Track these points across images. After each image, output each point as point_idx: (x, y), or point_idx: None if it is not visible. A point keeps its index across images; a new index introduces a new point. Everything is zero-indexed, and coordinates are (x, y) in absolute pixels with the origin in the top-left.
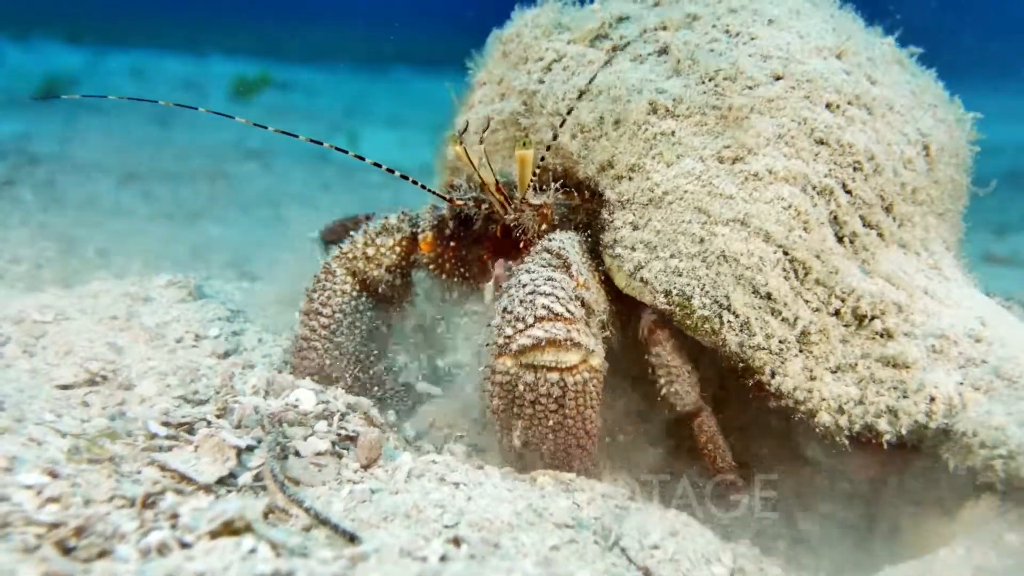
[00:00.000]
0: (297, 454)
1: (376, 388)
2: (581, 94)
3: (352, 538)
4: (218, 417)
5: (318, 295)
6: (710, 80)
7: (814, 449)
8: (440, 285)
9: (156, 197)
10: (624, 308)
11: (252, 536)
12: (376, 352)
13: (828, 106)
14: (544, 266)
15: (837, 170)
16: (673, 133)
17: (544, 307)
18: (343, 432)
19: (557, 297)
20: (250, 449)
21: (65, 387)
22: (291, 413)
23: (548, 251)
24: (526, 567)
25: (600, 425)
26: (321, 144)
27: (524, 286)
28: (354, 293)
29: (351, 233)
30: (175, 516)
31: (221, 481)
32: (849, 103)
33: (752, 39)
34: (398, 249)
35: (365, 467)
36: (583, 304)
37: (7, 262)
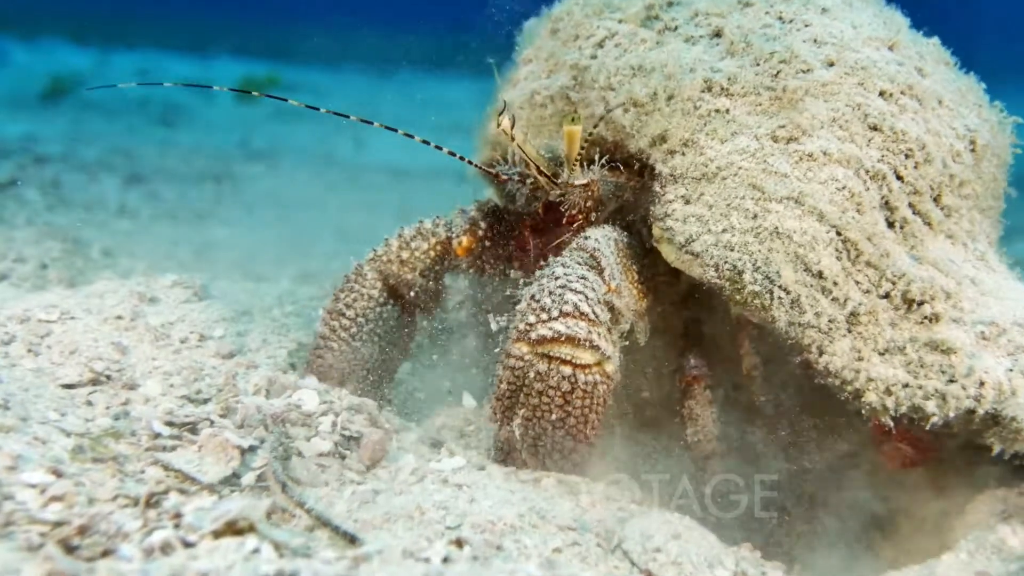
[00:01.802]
0: (300, 454)
1: (384, 394)
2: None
3: (352, 539)
4: (221, 417)
5: (344, 295)
6: (764, 62)
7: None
8: (480, 283)
9: (161, 198)
10: (657, 300)
11: (255, 536)
12: (392, 361)
13: (881, 94)
14: (580, 264)
15: (889, 156)
16: (727, 111)
17: (572, 304)
18: (346, 433)
19: (586, 297)
20: (253, 449)
21: (69, 386)
22: (294, 413)
23: (583, 250)
24: (529, 569)
25: (599, 433)
26: (347, 117)
27: (556, 278)
28: (381, 299)
29: (385, 237)
30: (178, 516)
31: (224, 481)
32: (902, 93)
33: (806, 26)
34: (432, 253)
35: (368, 468)
36: (611, 310)
37: (13, 261)
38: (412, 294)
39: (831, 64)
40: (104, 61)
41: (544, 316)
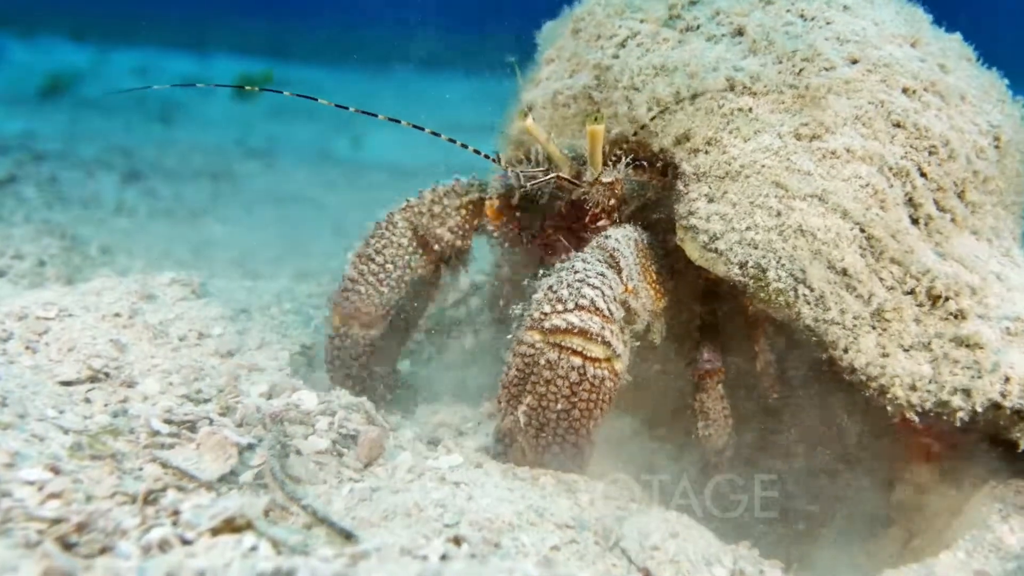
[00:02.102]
0: (298, 452)
1: (388, 369)
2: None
3: (350, 536)
4: (220, 415)
5: (375, 241)
6: (787, 60)
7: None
8: (503, 253)
9: (159, 195)
10: (674, 298)
11: (253, 533)
12: (416, 312)
13: (904, 91)
14: (600, 261)
15: (913, 153)
16: (750, 109)
17: (589, 298)
18: (344, 431)
19: (603, 293)
20: (251, 447)
21: (67, 384)
22: (292, 412)
23: (604, 248)
24: (527, 567)
25: (598, 433)
26: (376, 116)
27: (575, 272)
28: (410, 248)
29: (419, 189)
30: (176, 513)
31: (223, 479)
32: (924, 89)
33: (828, 23)
34: (463, 211)
35: (366, 465)
36: (627, 309)
37: (10, 259)
38: (439, 248)
39: (854, 61)
40: (103, 59)
41: (560, 307)
